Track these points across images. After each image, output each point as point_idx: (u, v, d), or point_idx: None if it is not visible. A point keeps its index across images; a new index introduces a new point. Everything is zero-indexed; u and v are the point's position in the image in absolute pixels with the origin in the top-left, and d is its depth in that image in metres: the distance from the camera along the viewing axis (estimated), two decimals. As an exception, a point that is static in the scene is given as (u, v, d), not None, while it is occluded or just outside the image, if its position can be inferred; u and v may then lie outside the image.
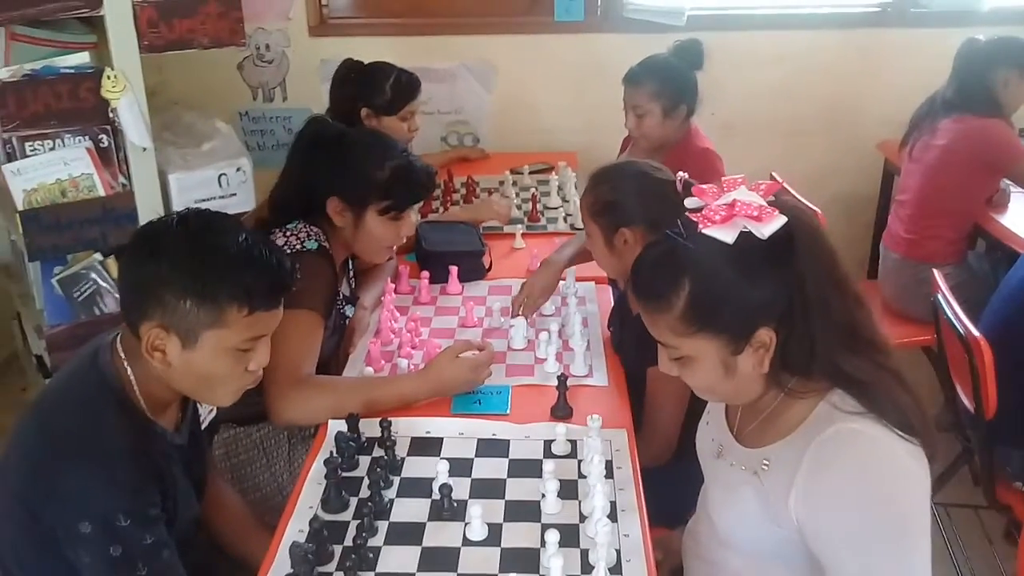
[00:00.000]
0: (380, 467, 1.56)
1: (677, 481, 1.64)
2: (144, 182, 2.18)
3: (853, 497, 1.17)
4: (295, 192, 1.95)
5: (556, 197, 2.94)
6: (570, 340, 2.01)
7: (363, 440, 1.65)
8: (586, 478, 1.49)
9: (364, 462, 1.61)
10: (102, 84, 2.07)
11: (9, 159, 2.08)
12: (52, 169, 2.09)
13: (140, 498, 1.32)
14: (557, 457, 1.61)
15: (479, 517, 1.41)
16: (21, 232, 2.08)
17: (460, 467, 1.58)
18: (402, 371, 1.91)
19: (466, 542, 1.41)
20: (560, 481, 1.48)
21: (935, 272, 2.39)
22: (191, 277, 1.31)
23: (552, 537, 1.31)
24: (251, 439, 1.95)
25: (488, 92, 3.76)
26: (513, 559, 1.37)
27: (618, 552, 1.37)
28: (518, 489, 1.53)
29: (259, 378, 1.46)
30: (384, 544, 1.41)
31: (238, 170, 2.32)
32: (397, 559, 1.38)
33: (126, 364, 1.38)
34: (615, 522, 1.42)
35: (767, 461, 1.27)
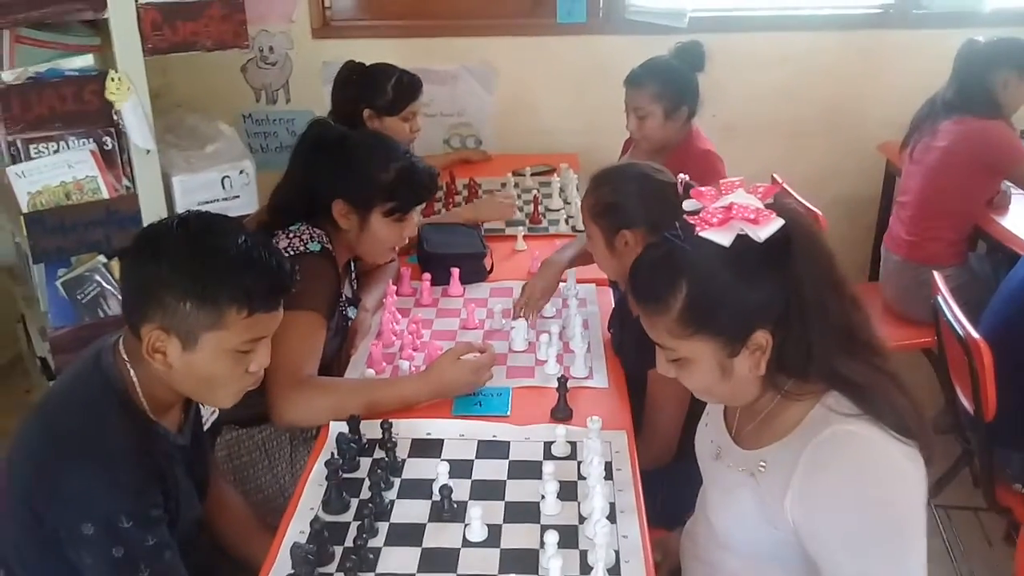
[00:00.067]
0: (381, 468, 1.56)
1: (676, 483, 1.64)
2: (148, 184, 2.20)
3: (849, 499, 1.18)
4: (298, 194, 1.96)
5: (558, 199, 2.95)
6: (571, 342, 2.02)
7: (364, 442, 1.66)
8: (586, 479, 1.50)
9: (365, 463, 1.62)
10: (106, 87, 2.08)
11: (14, 161, 2.09)
12: (56, 171, 2.10)
13: (142, 499, 1.33)
14: (557, 459, 1.62)
15: (479, 518, 1.42)
16: (25, 234, 2.09)
17: (460, 468, 1.58)
18: (403, 373, 1.91)
19: (466, 543, 1.42)
20: (560, 482, 1.49)
21: (935, 274, 2.38)
22: (191, 279, 1.31)
23: (551, 538, 1.32)
24: (253, 441, 1.96)
25: (490, 94, 3.77)
26: (512, 560, 1.38)
27: (617, 553, 1.37)
28: (518, 490, 1.54)
29: (260, 379, 1.47)
30: (384, 545, 1.42)
31: (241, 172, 2.33)
32: (397, 560, 1.38)
33: (129, 366, 1.39)
34: (614, 523, 1.43)
35: (764, 463, 1.28)
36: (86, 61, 2.13)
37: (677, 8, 3.50)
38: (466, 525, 1.44)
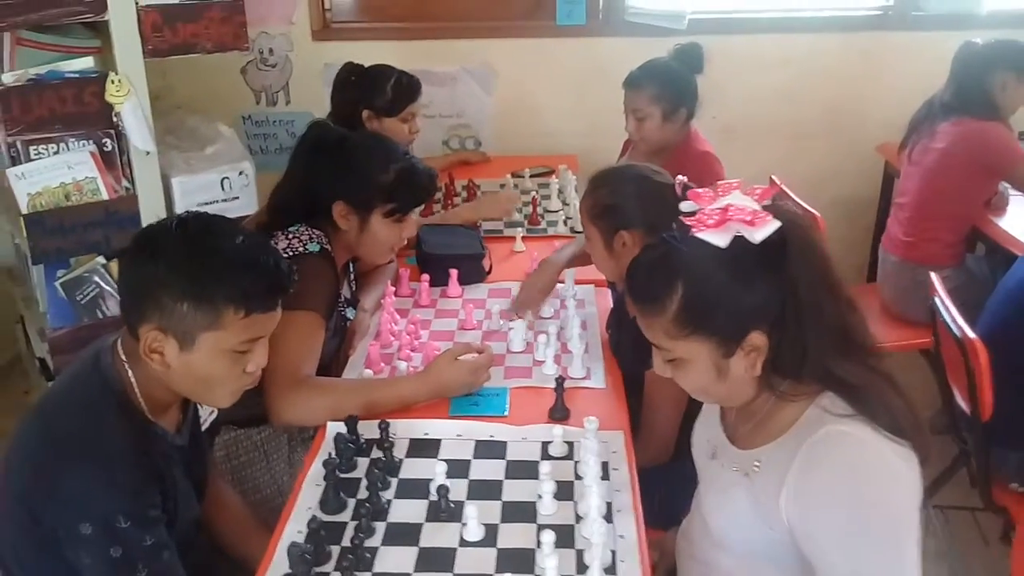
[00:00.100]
0: (378, 468, 1.57)
1: (673, 482, 1.65)
2: (147, 186, 2.20)
3: (842, 498, 1.18)
4: (298, 196, 1.96)
5: (556, 200, 2.96)
6: (568, 343, 2.02)
7: (362, 442, 1.66)
8: (582, 479, 1.50)
9: (363, 463, 1.62)
10: (106, 88, 2.09)
11: (13, 163, 2.10)
12: (56, 173, 2.11)
13: (140, 499, 1.33)
14: (554, 459, 1.62)
15: (475, 518, 1.42)
16: (25, 235, 2.10)
17: (458, 468, 1.59)
18: (401, 373, 1.92)
19: (462, 543, 1.42)
20: (556, 482, 1.49)
21: (933, 275, 2.39)
22: (188, 280, 1.32)
23: (548, 538, 1.33)
24: (251, 441, 1.96)
25: (489, 95, 3.77)
26: (509, 560, 1.38)
27: (613, 553, 1.37)
28: (515, 490, 1.54)
29: (257, 379, 1.47)
30: (381, 544, 1.42)
31: (241, 174, 2.34)
32: (394, 559, 1.39)
33: (127, 366, 1.39)
34: (611, 523, 1.44)
35: (758, 463, 1.28)
36: (86, 63, 2.14)
37: (676, 10, 3.51)
38: (463, 525, 1.44)
